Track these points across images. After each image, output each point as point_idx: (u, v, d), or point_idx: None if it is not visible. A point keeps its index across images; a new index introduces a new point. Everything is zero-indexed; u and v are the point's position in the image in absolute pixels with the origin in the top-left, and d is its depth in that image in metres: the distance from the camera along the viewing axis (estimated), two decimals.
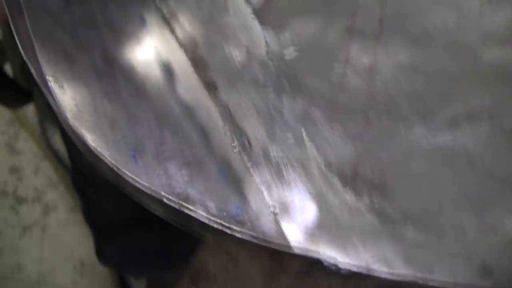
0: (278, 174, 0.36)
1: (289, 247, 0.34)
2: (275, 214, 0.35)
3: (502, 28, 0.41)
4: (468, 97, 0.39)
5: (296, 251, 0.34)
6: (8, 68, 1.01)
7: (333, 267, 0.34)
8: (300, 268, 0.35)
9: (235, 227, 0.34)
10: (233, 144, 0.37)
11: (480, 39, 0.41)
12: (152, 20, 0.41)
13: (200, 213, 0.34)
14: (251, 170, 0.36)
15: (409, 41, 0.41)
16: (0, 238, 1.37)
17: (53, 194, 1.41)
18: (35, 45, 0.40)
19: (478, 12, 0.42)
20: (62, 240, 1.36)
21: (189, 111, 0.38)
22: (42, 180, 1.43)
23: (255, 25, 0.41)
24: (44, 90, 0.38)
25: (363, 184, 0.36)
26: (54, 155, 1.44)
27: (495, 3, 0.42)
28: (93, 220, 0.81)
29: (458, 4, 0.38)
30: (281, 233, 0.34)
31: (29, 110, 1.47)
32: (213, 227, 0.34)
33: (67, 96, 0.38)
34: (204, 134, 0.37)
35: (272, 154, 0.37)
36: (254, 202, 0.35)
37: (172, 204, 0.35)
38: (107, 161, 0.36)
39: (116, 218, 0.76)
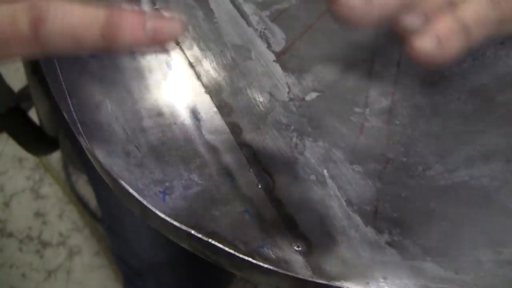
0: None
1: (313, 277, 0.35)
2: (299, 250, 0.36)
3: None
4: (483, 137, 0.41)
5: (321, 281, 0.35)
6: (33, 115, 1.04)
7: None
8: None
9: (261, 263, 0.35)
10: (258, 186, 0.39)
11: (494, 81, 0.43)
12: (177, 65, 0.44)
13: (227, 250, 0.36)
14: (276, 208, 0.38)
15: (426, 83, 0.43)
16: (26, 282, 1.39)
17: (77, 238, 1.43)
18: (66, 91, 0.42)
19: (492, 56, 0.44)
20: (87, 284, 1.37)
21: (215, 153, 0.40)
22: (67, 225, 1.45)
23: (277, 70, 0.43)
24: (78, 136, 0.40)
25: (383, 221, 0.38)
26: (78, 199, 1.46)
27: (509, 46, 0.44)
28: (125, 260, 0.83)
29: (473, 48, 0.40)
30: (306, 266, 0.36)
31: (54, 156, 1.50)
32: (239, 262, 0.36)
33: (97, 141, 0.40)
34: (230, 174, 0.39)
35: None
36: (279, 239, 0.37)
37: (200, 240, 0.36)
38: (137, 200, 0.38)
39: (147, 258, 0.78)
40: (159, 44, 0.32)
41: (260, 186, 0.39)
